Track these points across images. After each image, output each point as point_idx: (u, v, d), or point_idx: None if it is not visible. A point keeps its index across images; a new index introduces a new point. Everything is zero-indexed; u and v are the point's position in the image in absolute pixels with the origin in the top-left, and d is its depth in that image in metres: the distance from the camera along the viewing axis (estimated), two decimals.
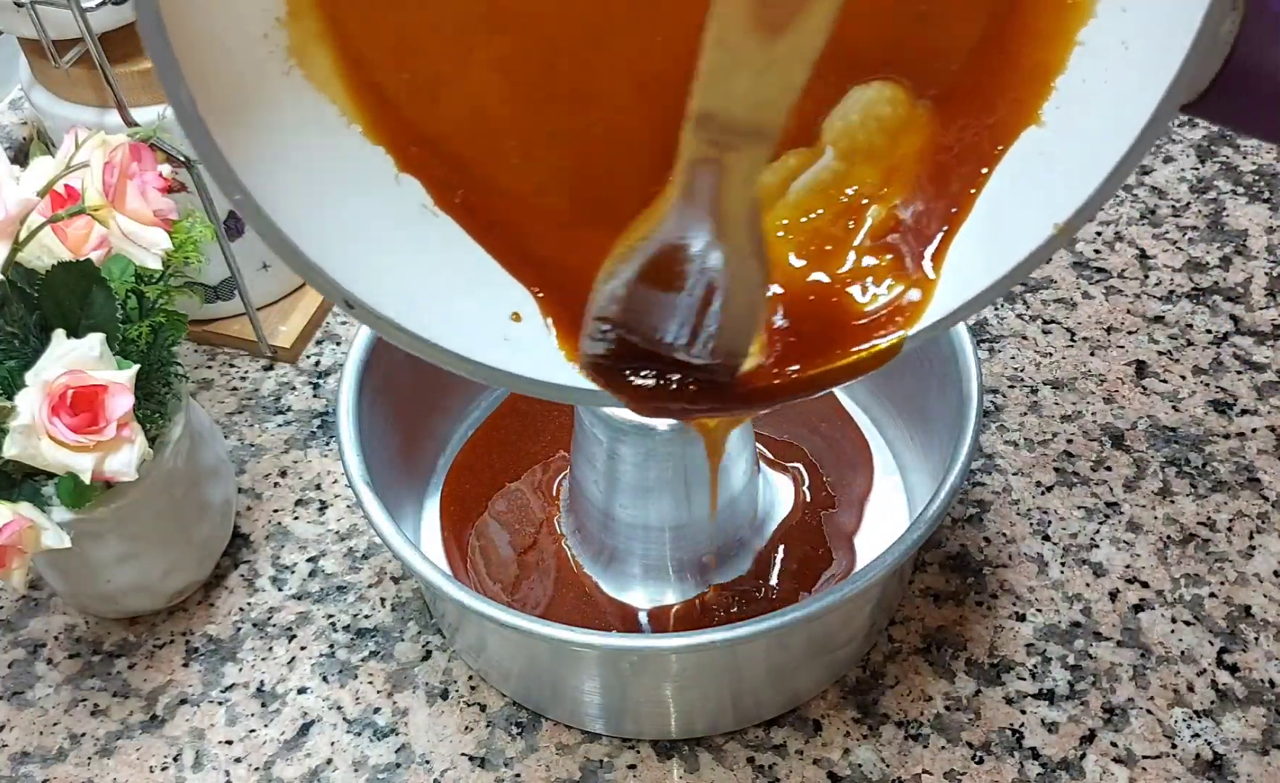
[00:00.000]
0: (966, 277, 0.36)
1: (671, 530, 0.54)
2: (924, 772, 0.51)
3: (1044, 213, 0.34)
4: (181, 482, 0.55)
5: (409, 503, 0.59)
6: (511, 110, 0.38)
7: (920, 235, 0.37)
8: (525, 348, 0.38)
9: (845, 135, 0.39)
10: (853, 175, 0.39)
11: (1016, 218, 0.35)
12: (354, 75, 0.37)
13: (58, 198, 0.50)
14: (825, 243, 0.39)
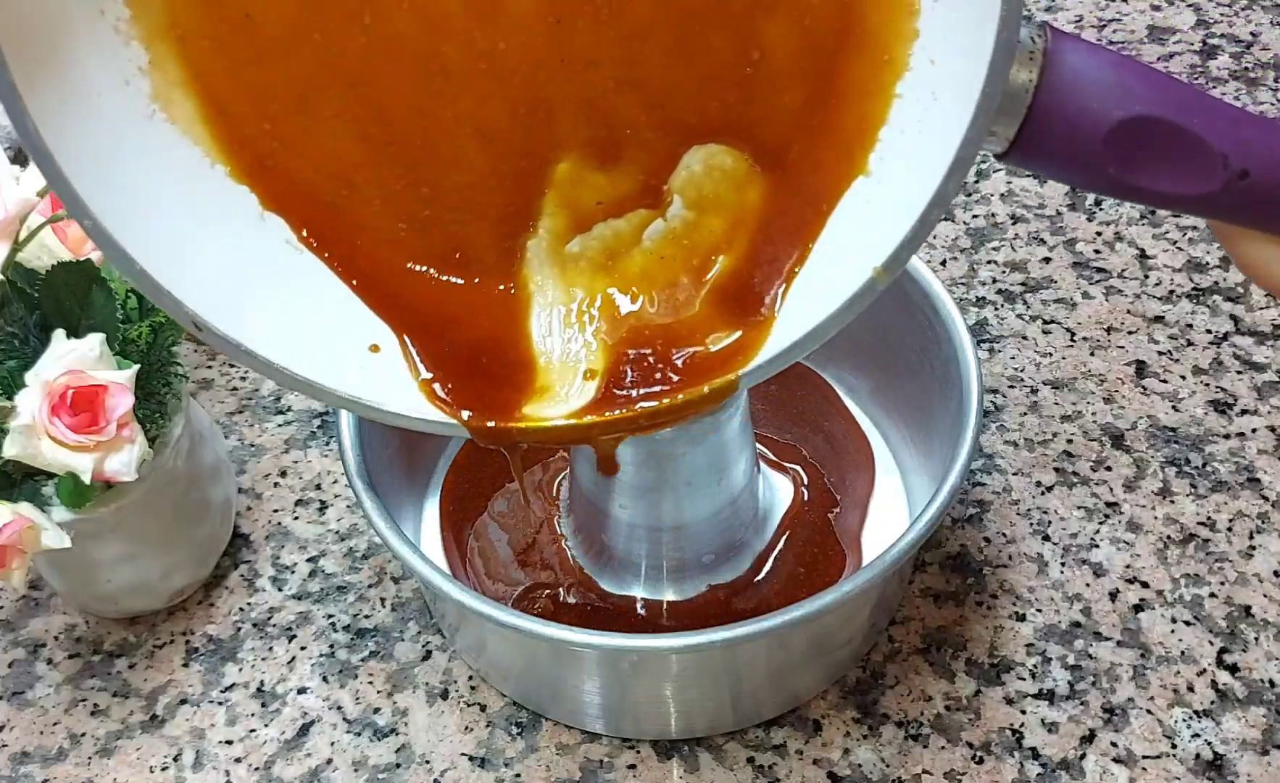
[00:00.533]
0: (795, 319, 0.38)
1: (671, 530, 0.54)
2: (924, 772, 0.51)
3: (866, 256, 0.35)
4: (181, 482, 0.55)
5: (409, 503, 0.59)
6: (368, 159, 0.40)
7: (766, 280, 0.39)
8: (378, 378, 0.40)
9: (691, 185, 0.40)
10: (702, 225, 0.41)
11: (842, 263, 0.37)
12: (217, 123, 0.38)
13: (57, 198, 0.50)
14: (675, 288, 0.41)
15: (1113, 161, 0.32)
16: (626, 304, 0.41)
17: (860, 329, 0.60)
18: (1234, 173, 0.32)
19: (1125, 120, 0.32)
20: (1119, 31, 0.89)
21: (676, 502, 0.53)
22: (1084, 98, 0.32)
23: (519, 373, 0.41)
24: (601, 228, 0.41)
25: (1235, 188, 0.32)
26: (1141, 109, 0.32)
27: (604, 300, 0.41)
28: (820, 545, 0.57)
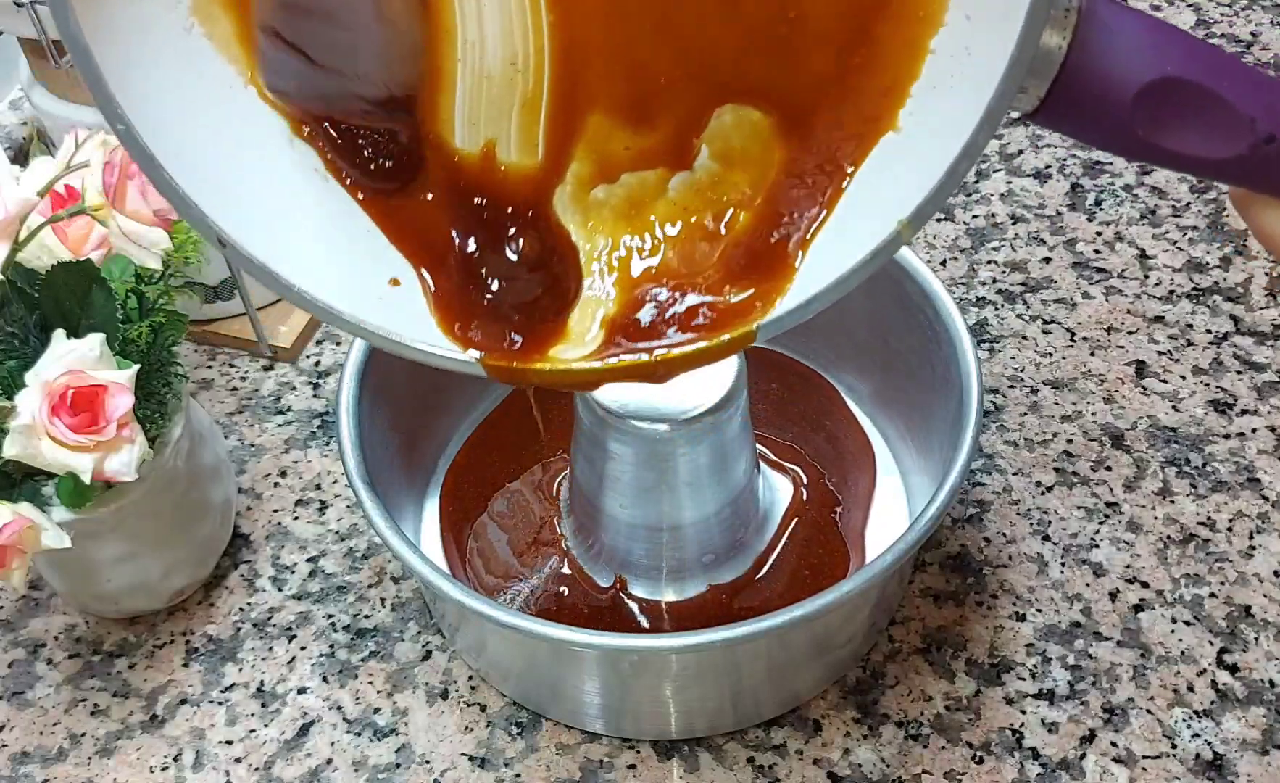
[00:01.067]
0: (816, 272, 0.38)
1: (671, 531, 0.54)
2: (924, 772, 0.51)
3: (890, 210, 0.35)
4: (181, 482, 0.55)
5: (409, 503, 0.59)
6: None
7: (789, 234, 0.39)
8: (398, 310, 0.40)
9: (719, 137, 0.40)
10: (727, 179, 0.41)
11: (867, 217, 0.37)
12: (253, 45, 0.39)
13: (58, 198, 0.50)
14: (697, 239, 0.41)
15: (1140, 123, 0.32)
16: (648, 253, 0.41)
17: (860, 329, 0.61)
18: (1261, 136, 0.32)
19: (1154, 82, 0.32)
20: None
21: (676, 502, 0.53)
22: (1114, 59, 0.32)
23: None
24: (628, 177, 0.41)
25: (1262, 152, 0.32)
26: (1171, 70, 0.32)
27: (626, 248, 0.41)
28: (822, 545, 0.57)
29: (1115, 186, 0.77)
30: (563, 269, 0.41)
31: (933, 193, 0.34)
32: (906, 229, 0.35)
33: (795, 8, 0.38)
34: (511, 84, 0.40)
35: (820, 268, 0.38)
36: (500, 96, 0.41)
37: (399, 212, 0.41)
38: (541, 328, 0.40)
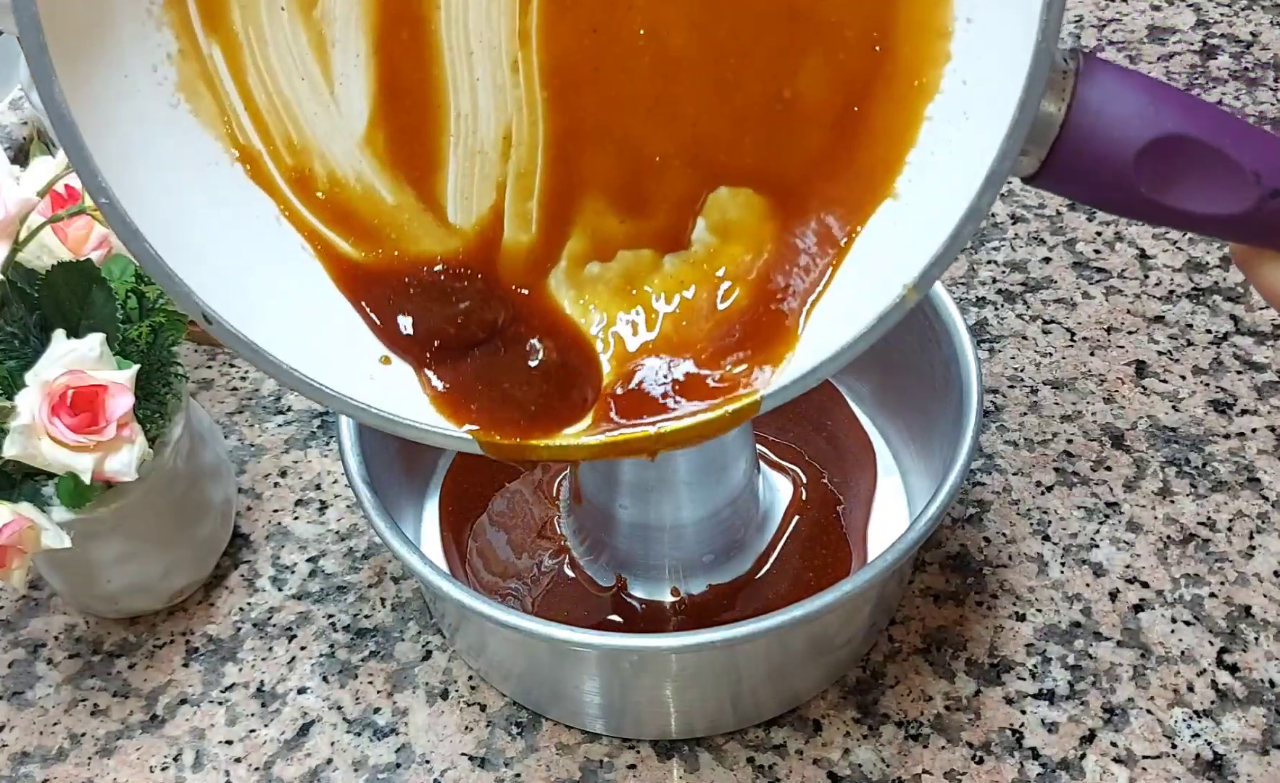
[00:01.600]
0: (822, 339, 0.38)
1: (671, 530, 0.54)
2: (924, 772, 0.51)
3: (895, 275, 0.35)
4: (181, 482, 0.55)
5: (409, 503, 0.59)
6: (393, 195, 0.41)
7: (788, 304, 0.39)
8: (389, 388, 0.39)
9: (716, 209, 0.40)
10: (724, 252, 0.41)
11: (870, 283, 0.37)
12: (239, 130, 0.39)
13: (58, 198, 0.50)
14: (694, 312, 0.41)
15: (1144, 182, 0.32)
16: (644, 327, 0.41)
17: None
18: (1267, 191, 0.32)
19: (1156, 140, 0.32)
20: (1119, 31, 0.89)
21: (676, 501, 0.53)
22: (1114, 119, 0.32)
23: None
24: (623, 253, 0.41)
25: (1268, 207, 0.32)
26: (1172, 128, 0.32)
27: (622, 323, 0.41)
28: (823, 546, 0.57)
29: None
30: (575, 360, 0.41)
31: (937, 256, 0.34)
32: (913, 293, 0.35)
33: (789, 88, 0.39)
34: (505, 159, 0.40)
35: (825, 335, 0.38)
36: (493, 172, 0.41)
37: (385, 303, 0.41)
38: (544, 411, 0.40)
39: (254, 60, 0.39)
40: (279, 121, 0.40)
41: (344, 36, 0.39)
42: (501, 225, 0.41)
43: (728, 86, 0.39)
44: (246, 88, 0.39)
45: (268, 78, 0.39)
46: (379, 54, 0.39)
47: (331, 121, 0.40)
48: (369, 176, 0.41)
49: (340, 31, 0.39)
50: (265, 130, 0.39)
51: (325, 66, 0.39)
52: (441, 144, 0.40)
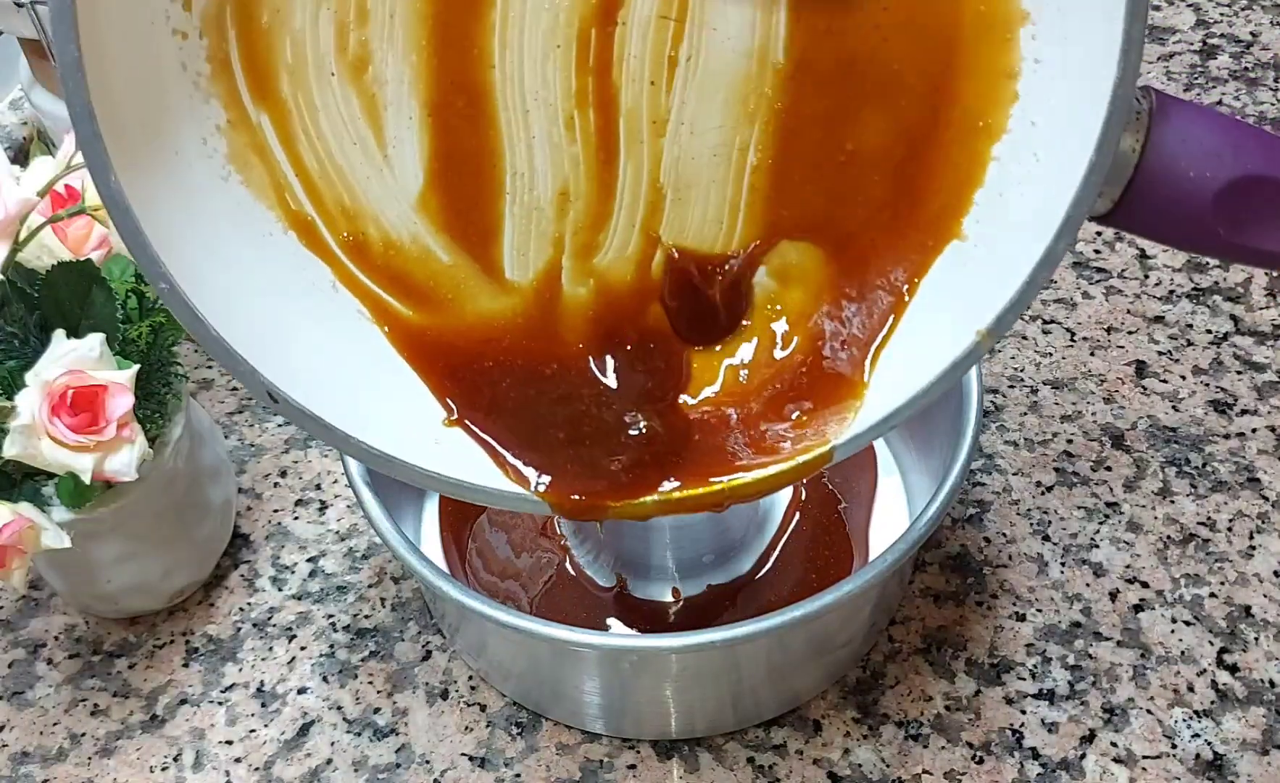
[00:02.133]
0: (892, 386, 0.37)
1: (671, 530, 0.54)
2: (924, 772, 0.51)
3: (967, 321, 0.35)
4: (181, 482, 0.55)
5: (409, 503, 0.59)
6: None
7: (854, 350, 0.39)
8: (455, 451, 0.39)
9: (777, 254, 0.40)
10: (785, 297, 0.41)
11: (940, 328, 0.36)
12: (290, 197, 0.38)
13: (58, 198, 0.50)
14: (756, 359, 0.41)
15: (1222, 223, 0.32)
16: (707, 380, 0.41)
17: None
18: None
19: (1235, 181, 0.31)
20: None
21: None
22: (1190, 160, 0.32)
23: None
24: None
25: None
26: (1252, 169, 0.31)
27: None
28: (823, 545, 0.57)
29: None
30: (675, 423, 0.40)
31: (1013, 302, 0.33)
32: (986, 339, 0.34)
33: (852, 140, 0.38)
34: (562, 215, 0.40)
35: (895, 382, 0.37)
36: (550, 228, 0.40)
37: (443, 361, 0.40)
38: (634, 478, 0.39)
39: (304, 127, 0.38)
40: (331, 187, 0.39)
41: (396, 99, 0.38)
42: (559, 281, 0.40)
43: (788, 138, 0.38)
44: (297, 155, 0.38)
45: (319, 144, 0.38)
46: (433, 115, 0.39)
47: (385, 185, 0.39)
48: (424, 237, 0.40)
49: (393, 94, 0.38)
50: (318, 197, 0.39)
51: (378, 130, 0.39)
52: (498, 202, 0.40)
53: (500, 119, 0.39)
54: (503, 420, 0.39)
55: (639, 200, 0.40)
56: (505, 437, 0.39)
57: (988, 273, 0.35)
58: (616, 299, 0.41)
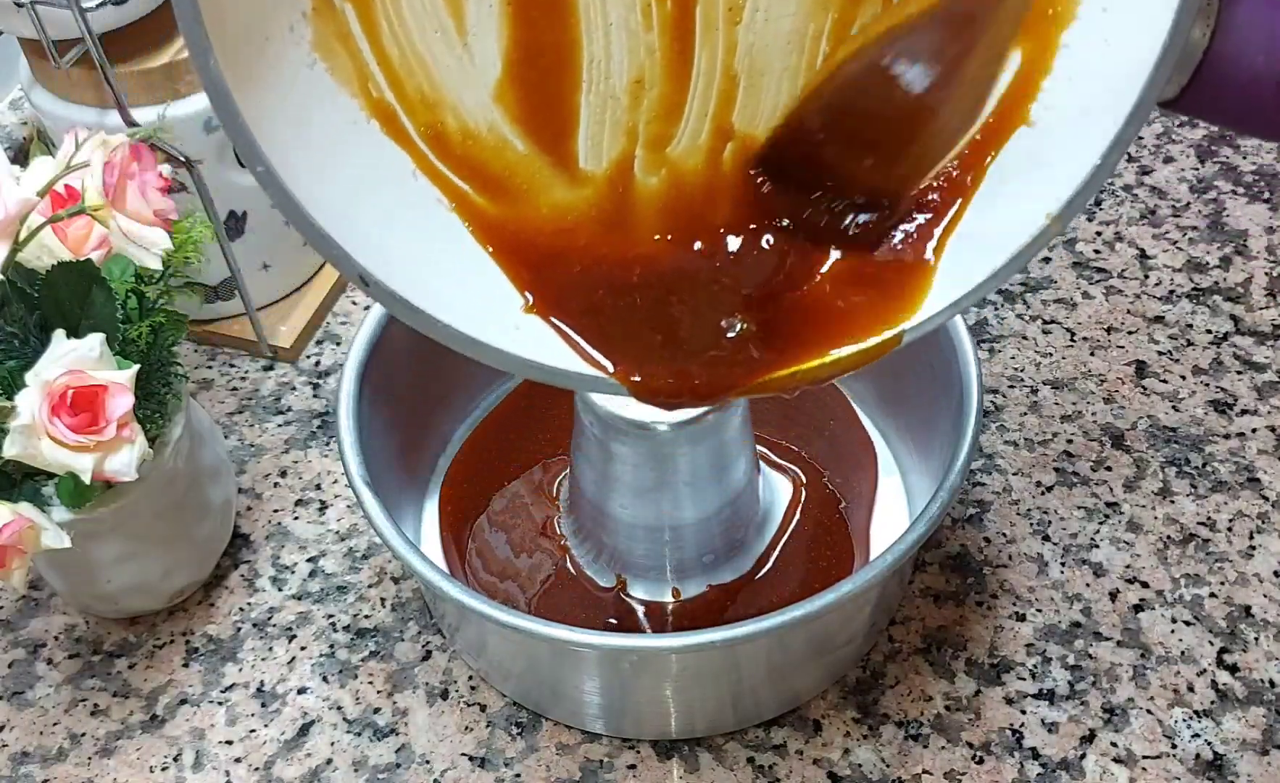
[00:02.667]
0: (963, 271, 0.37)
1: (671, 530, 0.54)
2: (924, 772, 0.51)
3: (1036, 206, 0.35)
4: (181, 482, 0.55)
5: (409, 503, 0.59)
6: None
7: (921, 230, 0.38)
8: (534, 336, 0.39)
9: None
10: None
11: (1009, 212, 0.36)
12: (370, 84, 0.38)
13: (58, 198, 0.50)
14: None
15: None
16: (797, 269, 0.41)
17: None
18: None
19: None
20: None
21: (676, 502, 0.53)
22: (1257, 48, 0.32)
23: None
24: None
25: None
26: None
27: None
28: (823, 546, 0.57)
29: (1115, 186, 0.77)
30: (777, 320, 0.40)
31: (1083, 185, 0.34)
32: (1055, 223, 0.35)
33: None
34: (636, 105, 0.40)
35: (965, 267, 0.37)
36: (624, 118, 0.40)
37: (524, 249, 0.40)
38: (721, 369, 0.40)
39: (386, 14, 0.38)
40: (412, 75, 0.39)
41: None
42: (632, 171, 0.41)
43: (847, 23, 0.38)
44: (380, 43, 0.38)
45: (400, 32, 0.39)
46: (512, 3, 0.39)
47: (465, 73, 0.40)
48: (501, 127, 0.40)
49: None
50: (399, 85, 0.39)
51: (459, 18, 0.39)
52: (575, 91, 0.40)
53: (579, 5, 0.39)
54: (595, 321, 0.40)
55: (712, 89, 0.41)
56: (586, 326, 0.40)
57: (1056, 158, 0.35)
58: (688, 191, 0.41)
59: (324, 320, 0.72)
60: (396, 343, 0.56)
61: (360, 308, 0.73)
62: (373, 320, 0.56)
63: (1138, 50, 0.32)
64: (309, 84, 0.37)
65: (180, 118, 0.62)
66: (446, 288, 0.38)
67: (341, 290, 0.74)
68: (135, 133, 0.54)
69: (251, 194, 0.67)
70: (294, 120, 0.36)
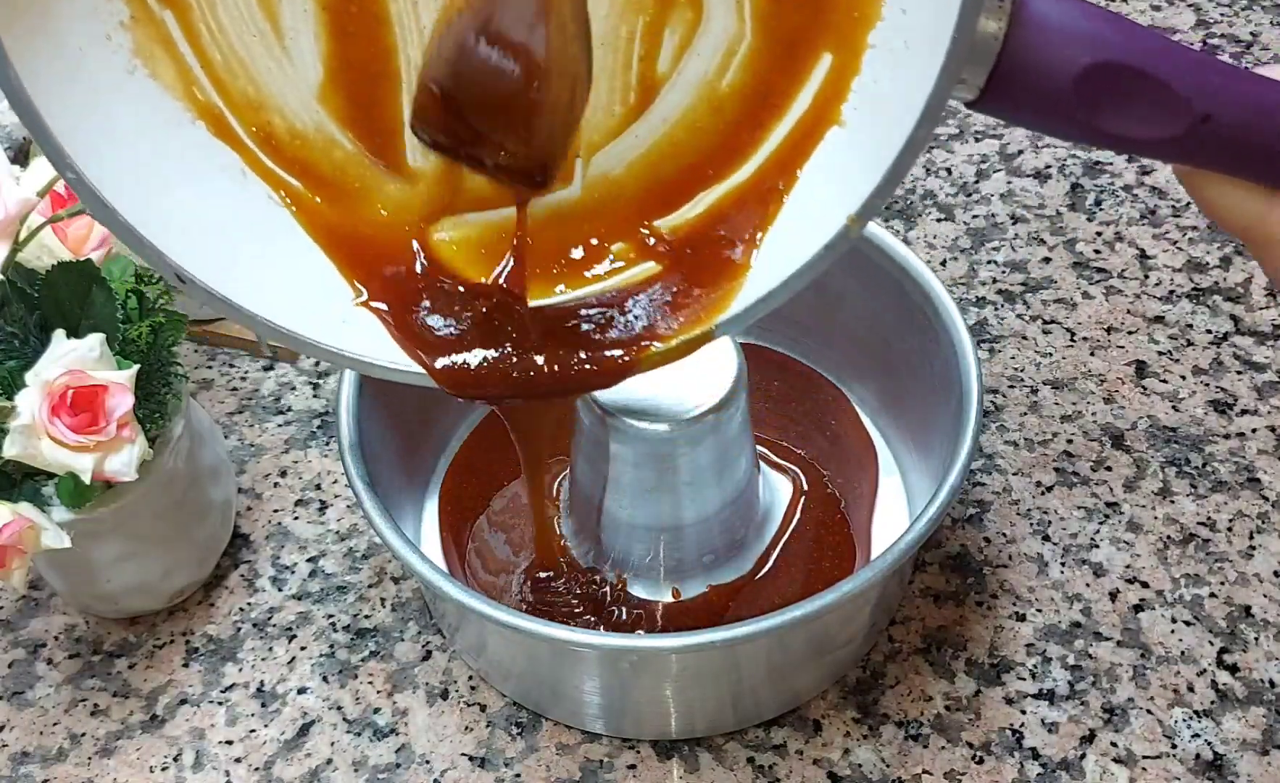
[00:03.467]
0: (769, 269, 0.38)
1: (671, 531, 0.54)
2: (924, 772, 0.51)
3: (839, 206, 0.36)
4: (181, 482, 0.55)
5: (409, 503, 0.59)
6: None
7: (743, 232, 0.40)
8: (362, 330, 0.40)
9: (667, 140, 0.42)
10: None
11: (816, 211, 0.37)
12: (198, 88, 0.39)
13: (58, 198, 0.50)
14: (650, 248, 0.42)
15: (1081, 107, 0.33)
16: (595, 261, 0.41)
17: (860, 330, 0.61)
18: (1197, 116, 0.33)
19: (1092, 66, 0.32)
20: None
21: (676, 502, 0.53)
22: (1052, 45, 0.33)
23: None
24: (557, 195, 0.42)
25: (1198, 131, 0.33)
26: (1108, 55, 0.33)
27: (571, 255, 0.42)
28: (823, 546, 0.57)
29: (1115, 186, 0.77)
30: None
31: (879, 188, 0.35)
32: (855, 224, 0.35)
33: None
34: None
35: (773, 264, 0.38)
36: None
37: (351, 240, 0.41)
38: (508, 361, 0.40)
39: (205, 20, 0.39)
40: (236, 79, 0.40)
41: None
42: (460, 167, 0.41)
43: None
44: (201, 47, 0.39)
45: (220, 37, 0.39)
46: (326, 9, 0.40)
47: (286, 76, 0.40)
48: (327, 127, 0.41)
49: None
50: (224, 88, 0.40)
51: (274, 21, 0.40)
52: (395, 92, 0.41)
53: (391, 14, 0.40)
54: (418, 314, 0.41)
55: None
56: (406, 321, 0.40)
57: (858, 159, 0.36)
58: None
59: None
60: None
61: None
62: None
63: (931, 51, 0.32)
64: (131, 89, 0.38)
65: None
66: (275, 283, 0.39)
67: None
68: None
69: None
70: (114, 124, 0.37)
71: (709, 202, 0.41)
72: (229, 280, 0.38)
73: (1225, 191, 0.34)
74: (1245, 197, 0.34)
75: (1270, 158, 0.33)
